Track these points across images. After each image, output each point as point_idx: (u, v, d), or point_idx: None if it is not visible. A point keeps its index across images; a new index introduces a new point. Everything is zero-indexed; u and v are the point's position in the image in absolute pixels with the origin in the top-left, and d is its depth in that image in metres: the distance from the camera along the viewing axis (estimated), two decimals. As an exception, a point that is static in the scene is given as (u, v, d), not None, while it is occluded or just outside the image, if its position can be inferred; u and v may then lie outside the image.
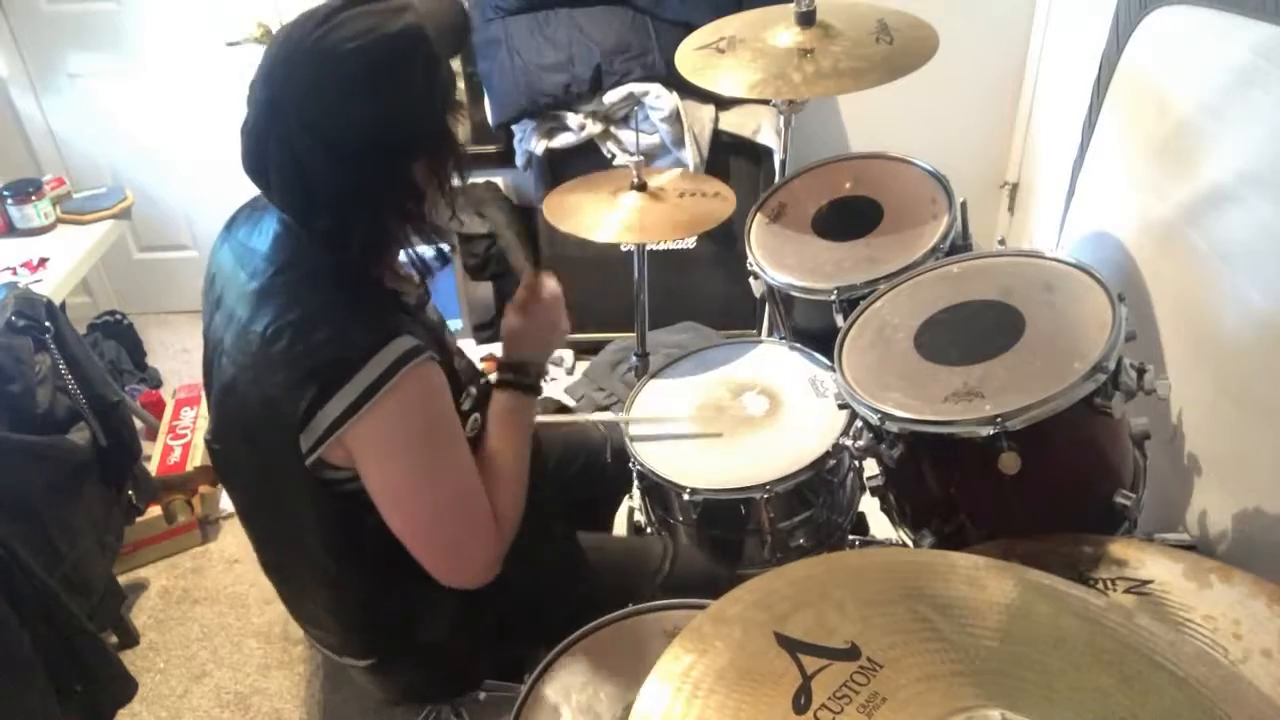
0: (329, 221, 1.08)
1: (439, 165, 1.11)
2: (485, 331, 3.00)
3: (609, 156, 2.59)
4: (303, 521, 1.18)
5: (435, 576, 1.14)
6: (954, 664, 0.74)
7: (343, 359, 1.02)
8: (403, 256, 1.19)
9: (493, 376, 1.30)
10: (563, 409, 2.56)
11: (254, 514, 1.30)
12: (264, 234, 1.14)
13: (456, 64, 1.13)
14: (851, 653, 0.74)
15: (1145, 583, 1.11)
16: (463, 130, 1.18)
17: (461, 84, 2.91)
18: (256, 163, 1.06)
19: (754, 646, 0.76)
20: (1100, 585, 1.12)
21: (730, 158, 2.61)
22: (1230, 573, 1.09)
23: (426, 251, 1.19)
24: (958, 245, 1.60)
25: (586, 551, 1.42)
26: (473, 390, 1.26)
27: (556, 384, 2.89)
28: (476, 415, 1.26)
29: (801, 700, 0.71)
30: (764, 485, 1.46)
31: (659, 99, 2.50)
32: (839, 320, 1.54)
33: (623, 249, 2.37)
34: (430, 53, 1.05)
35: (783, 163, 1.99)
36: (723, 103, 2.56)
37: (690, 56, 1.78)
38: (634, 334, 2.08)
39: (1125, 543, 1.17)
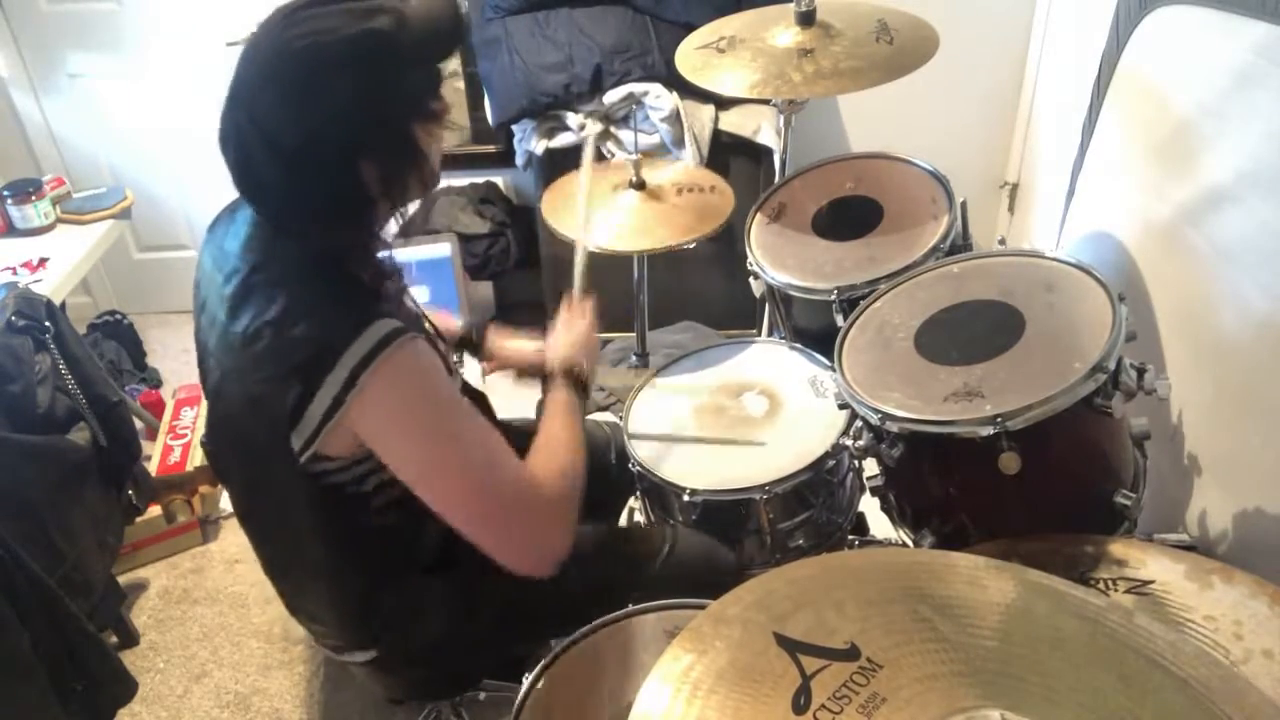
0: (280, 215, 1.09)
1: (390, 172, 1.08)
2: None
3: (609, 157, 2.59)
4: (297, 518, 1.18)
5: (500, 560, 1.11)
6: (954, 664, 0.74)
7: (325, 350, 1.02)
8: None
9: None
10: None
11: (250, 513, 1.30)
12: (237, 234, 1.14)
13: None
14: (851, 653, 0.74)
15: (1146, 583, 1.11)
16: (451, 137, 1.16)
17: (461, 84, 2.91)
18: (222, 147, 1.07)
19: (754, 646, 0.76)
20: (1101, 585, 1.11)
21: (730, 158, 2.61)
22: (1231, 573, 1.09)
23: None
24: (958, 245, 1.60)
25: (587, 538, 1.42)
26: (460, 368, 1.26)
27: (556, 384, 2.89)
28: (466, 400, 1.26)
29: (801, 700, 0.71)
30: (763, 486, 1.46)
31: (659, 99, 2.50)
32: (839, 320, 1.54)
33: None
34: (392, 58, 1.02)
35: (783, 163, 1.99)
36: (723, 103, 2.56)
37: (690, 56, 1.78)
38: (634, 334, 2.08)
39: (1126, 543, 1.17)
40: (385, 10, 1.03)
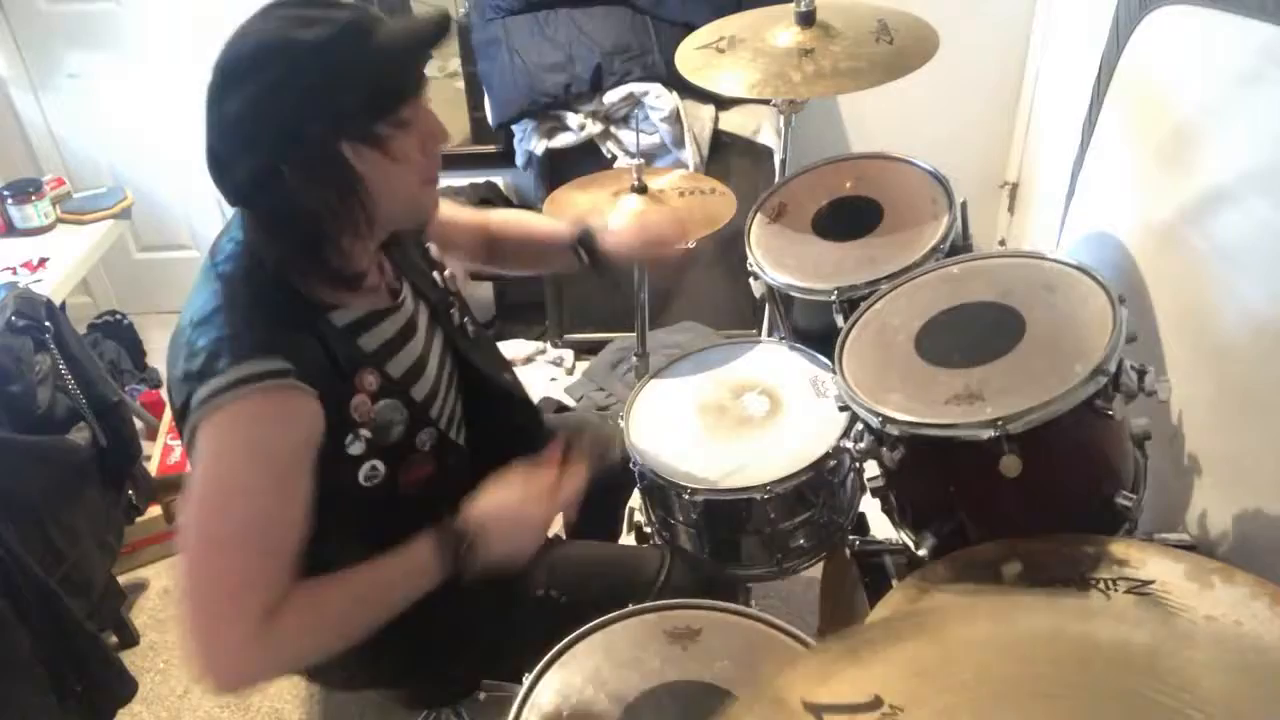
0: (237, 200, 1.08)
1: (314, 188, 1.02)
2: (486, 330, 3.00)
3: (609, 157, 2.59)
4: None
5: (185, 651, 1.00)
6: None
7: (203, 370, 1.01)
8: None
9: None
10: (562, 409, 2.56)
11: None
12: (227, 231, 1.15)
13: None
14: (874, 704, 0.73)
15: (1146, 583, 1.11)
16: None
17: (461, 84, 2.92)
18: None
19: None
20: (1101, 585, 1.11)
21: (730, 158, 2.61)
22: (1232, 573, 1.09)
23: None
24: (958, 246, 1.60)
25: (579, 560, 1.40)
26: (365, 434, 1.11)
27: (556, 384, 2.89)
28: (376, 463, 1.13)
29: None
30: (764, 485, 1.46)
31: (659, 99, 2.50)
32: (839, 321, 1.54)
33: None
34: (306, 70, 0.98)
35: (783, 163, 1.99)
36: (723, 103, 2.56)
37: (690, 56, 1.78)
38: (634, 334, 2.08)
39: (1127, 543, 1.17)
40: (321, 21, 0.99)
